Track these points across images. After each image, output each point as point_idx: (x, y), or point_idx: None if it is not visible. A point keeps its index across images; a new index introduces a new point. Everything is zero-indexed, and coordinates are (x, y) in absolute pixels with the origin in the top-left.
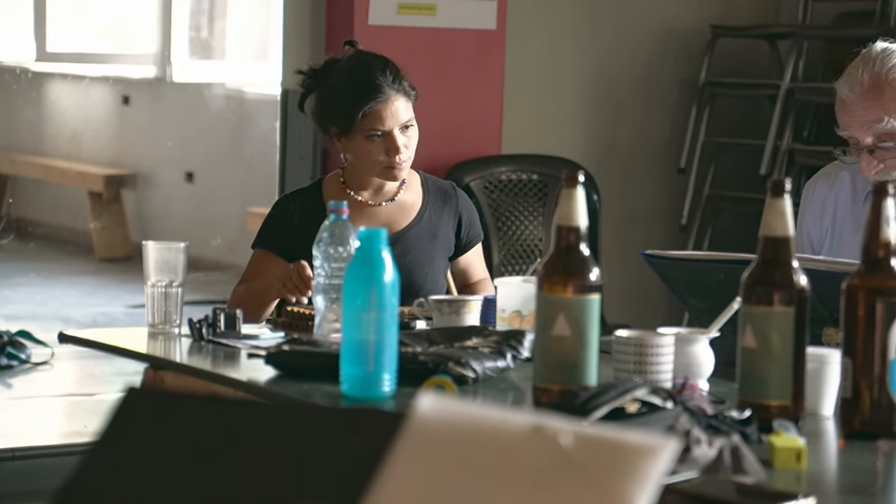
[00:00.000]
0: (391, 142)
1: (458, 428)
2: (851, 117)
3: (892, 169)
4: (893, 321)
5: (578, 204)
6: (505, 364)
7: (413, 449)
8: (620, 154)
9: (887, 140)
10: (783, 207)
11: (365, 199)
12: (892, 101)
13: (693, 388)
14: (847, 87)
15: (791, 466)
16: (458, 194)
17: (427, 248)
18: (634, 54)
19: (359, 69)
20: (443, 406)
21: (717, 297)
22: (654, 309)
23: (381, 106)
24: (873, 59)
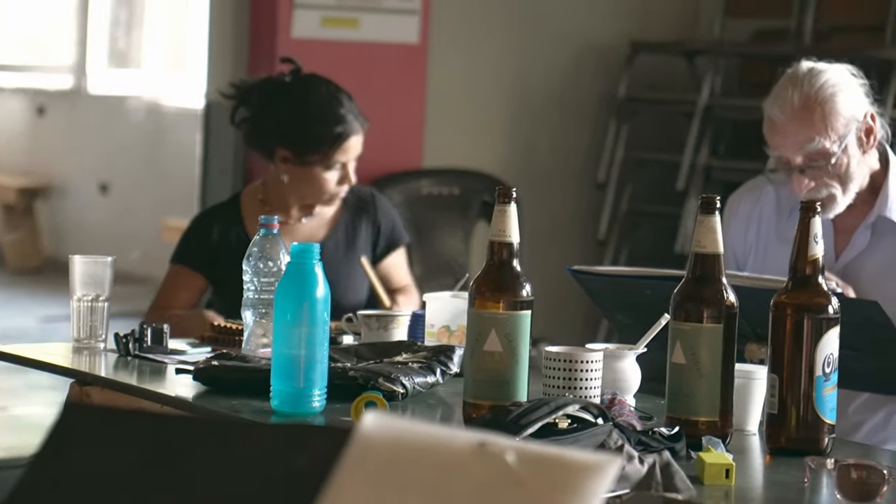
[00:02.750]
0: (346, 174)
1: (403, 445)
2: (783, 138)
3: (824, 187)
4: (820, 338)
5: (511, 219)
6: (434, 379)
7: (357, 467)
8: (539, 168)
9: (818, 159)
10: (714, 224)
11: (284, 218)
12: (822, 121)
13: (622, 403)
14: (777, 108)
15: (720, 483)
16: (377, 202)
17: (345, 261)
18: (554, 69)
19: (329, 99)
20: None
21: (643, 312)
22: (572, 323)
23: (349, 140)
24: (802, 80)
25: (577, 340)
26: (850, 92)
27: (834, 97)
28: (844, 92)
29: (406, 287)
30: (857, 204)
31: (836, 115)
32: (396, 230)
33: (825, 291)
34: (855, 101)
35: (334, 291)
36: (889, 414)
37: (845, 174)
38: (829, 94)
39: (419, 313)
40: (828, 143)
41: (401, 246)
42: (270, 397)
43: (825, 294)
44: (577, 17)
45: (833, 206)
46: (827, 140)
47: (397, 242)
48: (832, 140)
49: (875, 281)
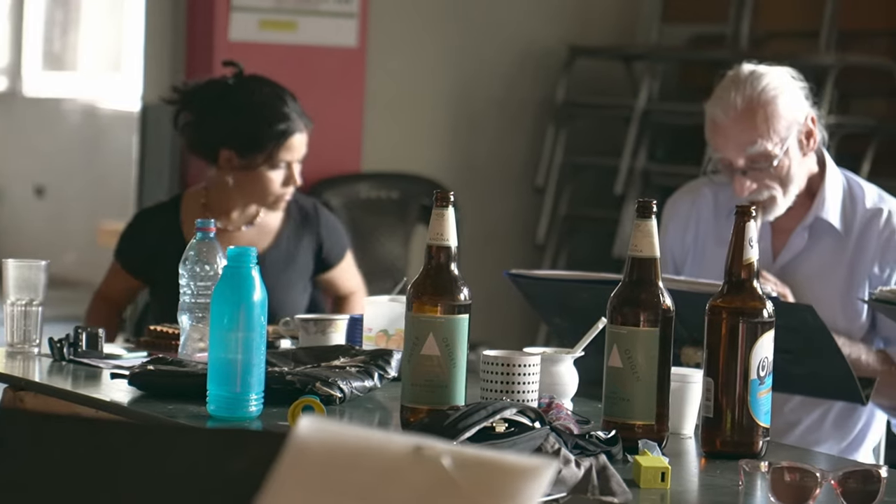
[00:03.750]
0: (291, 174)
1: (339, 449)
2: (725, 140)
3: (765, 189)
4: (755, 342)
5: (449, 223)
6: (372, 384)
7: (292, 471)
8: (478, 172)
9: (760, 161)
10: (650, 228)
11: (224, 225)
12: (765, 123)
13: (559, 407)
14: (720, 109)
15: (656, 486)
16: (319, 214)
17: (284, 273)
18: (493, 73)
19: (273, 99)
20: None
21: (581, 316)
22: (511, 327)
23: (292, 139)
24: (744, 82)
25: (516, 344)
26: (792, 94)
27: (776, 100)
28: (786, 94)
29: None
30: (796, 206)
31: (778, 118)
32: (339, 244)
33: (760, 295)
34: (796, 104)
35: (273, 302)
36: (824, 414)
37: (786, 176)
38: (771, 97)
39: (357, 317)
40: (770, 146)
41: (345, 256)
42: (207, 402)
43: (760, 298)
44: (516, 21)
45: (774, 208)
46: (769, 142)
47: (340, 255)
48: (774, 142)
49: (811, 281)
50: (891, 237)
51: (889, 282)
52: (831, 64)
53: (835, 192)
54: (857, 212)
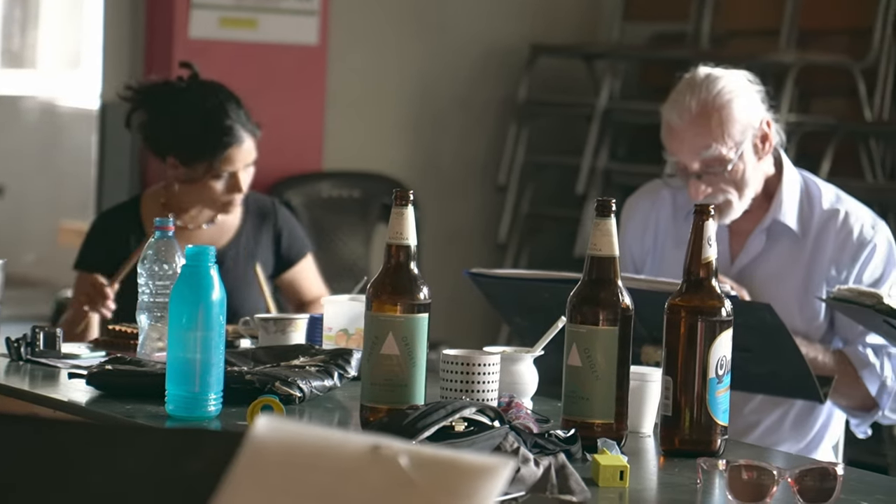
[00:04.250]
0: (235, 182)
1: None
2: (680, 143)
3: (720, 193)
4: (713, 340)
5: (409, 222)
6: (332, 383)
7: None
8: (440, 171)
9: (715, 166)
10: (609, 227)
11: (184, 223)
12: (720, 127)
13: (519, 406)
14: (675, 113)
15: (615, 485)
16: (277, 211)
17: (245, 270)
18: (455, 72)
19: (214, 110)
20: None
21: (541, 315)
22: (473, 326)
23: (233, 150)
24: (699, 86)
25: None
26: (747, 98)
27: (731, 104)
28: (741, 98)
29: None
30: (753, 208)
31: (733, 122)
32: (298, 241)
33: (718, 294)
34: (751, 108)
35: (233, 300)
36: (783, 414)
37: (741, 180)
38: (725, 101)
39: (317, 317)
40: (724, 150)
41: (305, 256)
42: (165, 402)
43: (718, 297)
44: (478, 19)
45: (729, 212)
46: (724, 146)
47: (300, 253)
48: (729, 146)
49: (769, 284)
50: (847, 238)
51: (846, 282)
52: (792, 63)
53: (792, 194)
54: (815, 213)
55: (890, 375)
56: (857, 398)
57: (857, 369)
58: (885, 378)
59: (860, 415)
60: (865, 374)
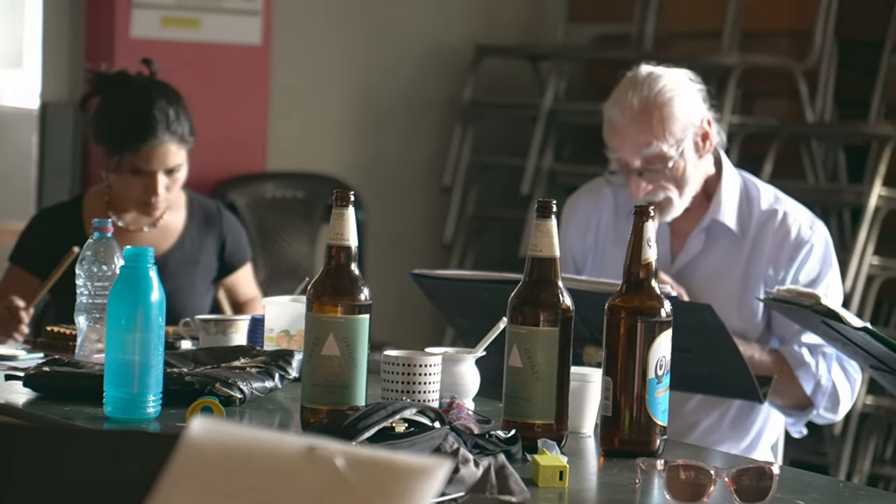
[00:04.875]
0: (152, 183)
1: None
2: (622, 141)
3: (661, 190)
4: (653, 341)
5: (349, 223)
6: (273, 384)
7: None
8: (385, 172)
9: (656, 163)
10: (550, 228)
11: (126, 224)
12: (661, 124)
13: (460, 407)
14: (617, 110)
15: (554, 485)
16: (223, 216)
17: (188, 275)
18: (399, 72)
19: (143, 104)
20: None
21: (483, 316)
22: (418, 327)
23: (149, 149)
24: (641, 84)
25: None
26: (688, 97)
27: (672, 102)
28: (682, 97)
29: (253, 300)
30: (693, 208)
31: (674, 120)
32: (242, 247)
33: (658, 295)
34: (692, 107)
35: (175, 304)
36: (722, 414)
37: (682, 178)
38: (667, 99)
39: (258, 318)
40: (665, 147)
41: (246, 263)
42: (104, 403)
43: (658, 297)
44: (422, 20)
45: (670, 210)
46: (665, 144)
47: (243, 259)
48: (670, 144)
49: (708, 283)
50: (785, 238)
51: (783, 282)
52: (734, 64)
53: (731, 194)
54: (753, 213)
55: (825, 375)
56: (792, 397)
57: (793, 369)
58: (820, 377)
59: (795, 414)
60: (801, 374)
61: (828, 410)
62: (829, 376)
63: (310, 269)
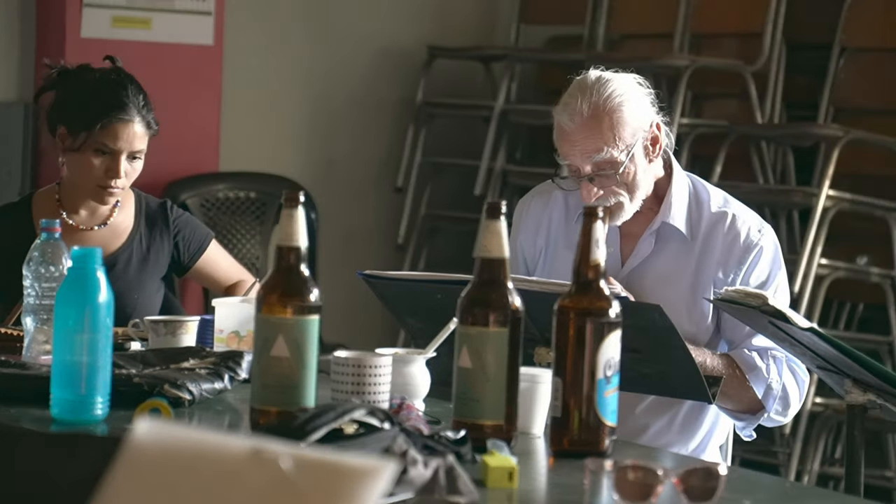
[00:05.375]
0: (114, 164)
1: (176, 453)
2: (571, 146)
3: (612, 195)
4: (602, 341)
5: (299, 224)
6: (222, 385)
7: (128, 475)
8: (338, 172)
9: (606, 168)
10: (499, 229)
11: (77, 223)
12: (611, 130)
13: (410, 408)
14: (566, 116)
15: (503, 486)
16: (172, 212)
17: (138, 274)
18: (352, 73)
19: (114, 83)
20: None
21: (435, 317)
22: (372, 328)
23: (120, 124)
24: (590, 89)
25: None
26: (637, 102)
27: (621, 107)
28: (631, 102)
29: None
30: (643, 211)
31: (624, 125)
32: (198, 232)
33: (606, 296)
34: (641, 111)
35: (125, 304)
36: (672, 416)
37: (632, 182)
38: (616, 104)
39: (208, 318)
40: (615, 153)
41: (210, 243)
42: (51, 405)
43: (606, 298)
44: (374, 21)
45: (621, 214)
46: (615, 149)
47: (204, 242)
48: (620, 149)
49: (659, 285)
50: (734, 241)
51: (732, 285)
52: (685, 66)
53: (681, 196)
54: (703, 216)
55: (775, 378)
56: (744, 401)
57: (745, 372)
58: (771, 381)
59: (746, 418)
60: (752, 377)
61: (778, 413)
62: (780, 379)
63: (262, 270)
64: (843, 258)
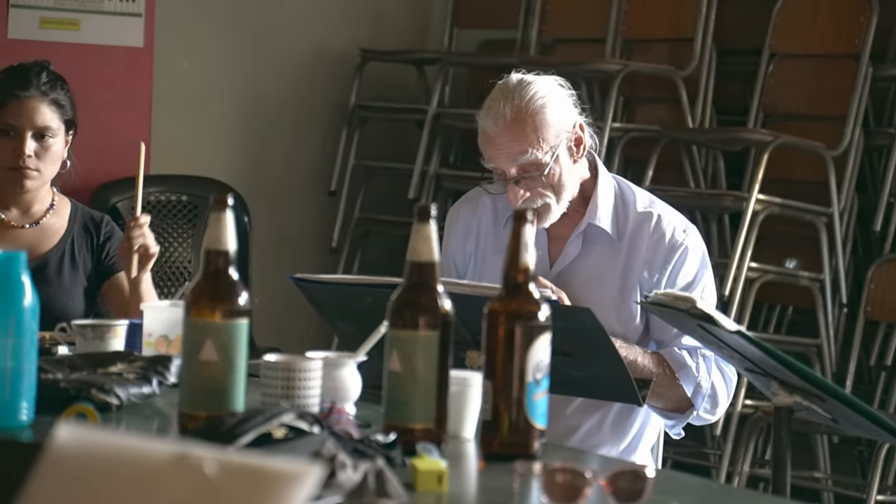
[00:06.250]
0: (19, 142)
1: (98, 458)
2: (496, 150)
3: (538, 197)
4: (531, 344)
5: (227, 228)
6: (150, 390)
7: (48, 482)
8: (271, 175)
9: (532, 170)
10: (429, 233)
11: (8, 219)
12: (534, 132)
13: (340, 412)
14: (490, 120)
15: (433, 489)
16: (107, 223)
17: (68, 278)
18: (284, 76)
19: (24, 68)
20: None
21: (366, 320)
22: (306, 331)
23: (20, 101)
24: (512, 92)
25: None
26: (559, 103)
27: (544, 109)
28: (553, 103)
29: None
30: (570, 213)
31: (547, 127)
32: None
33: (535, 299)
34: (564, 112)
35: (53, 307)
36: (602, 417)
37: (558, 184)
38: (539, 106)
39: (136, 323)
40: (540, 154)
41: None
42: None
43: (536, 301)
44: (308, 23)
45: (548, 216)
46: (539, 151)
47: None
48: (544, 151)
49: (587, 287)
50: (660, 241)
51: (658, 285)
52: (617, 70)
53: (606, 198)
54: (629, 217)
55: (705, 377)
56: (673, 399)
57: (675, 371)
58: (700, 380)
59: (675, 416)
60: (682, 376)
61: (707, 412)
62: (709, 378)
63: (194, 274)
64: (773, 262)
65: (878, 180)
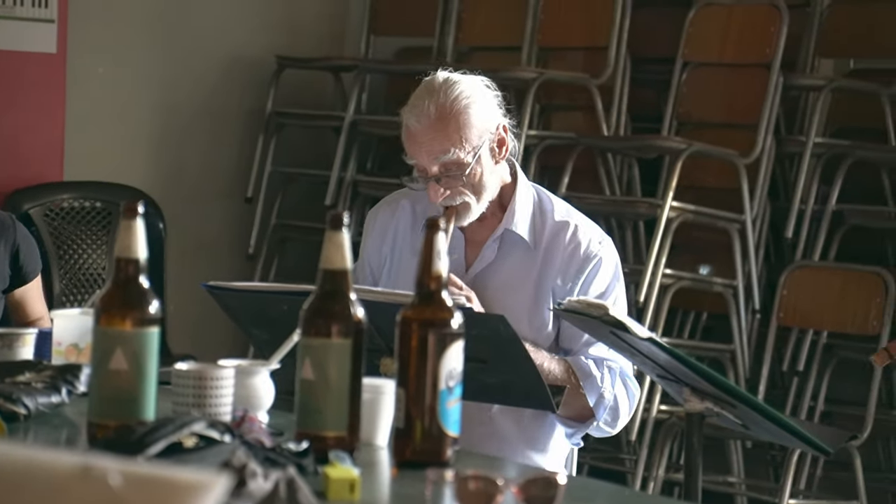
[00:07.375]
0: None
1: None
2: (419, 147)
3: (458, 195)
4: (444, 352)
5: (138, 235)
6: (60, 399)
7: None
8: (187, 182)
9: (453, 169)
10: (341, 240)
11: None
12: (458, 132)
13: (252, 420)
14: (414, 117)
15: (344, 497)
16: (16, 226)
17: None
18: (199, 82)
19: None
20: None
21: (280, 328)
22: (222, 339)
23: None
24: (437, 91)
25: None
26: (484, 104)
27: (468, 108)
28: (478, 104)
29: (43, 318)
30: (488, 217)
31: (471, 127)
32: (34, 257)
33: (448, 306)
34: (488, 113)
35: None
36: (517, 424)
37: (479, 184)
38: (463, 106)
39: (46, 331)
40: (462, 154)
41: (37, 275)
42: None
43: (449, 309)
44: (224, 30)
45: (467, 214)
46: (461, 151)
47: (34, 272)
48: (466, 151)
49: (501, 292)
50: (575, 251)
51: (571, 293)
52: (532, 78)
53: (524, 205)
54: (546, 225)
55: (608, 388)
56: (576, 408)
57: (580, 379)
58: (604, 390)
59: (575, 425)
60: (587, 385)
61: (607, 423)
62: (613, 390)
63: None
64: (687, 268)
65: (790, 187)
